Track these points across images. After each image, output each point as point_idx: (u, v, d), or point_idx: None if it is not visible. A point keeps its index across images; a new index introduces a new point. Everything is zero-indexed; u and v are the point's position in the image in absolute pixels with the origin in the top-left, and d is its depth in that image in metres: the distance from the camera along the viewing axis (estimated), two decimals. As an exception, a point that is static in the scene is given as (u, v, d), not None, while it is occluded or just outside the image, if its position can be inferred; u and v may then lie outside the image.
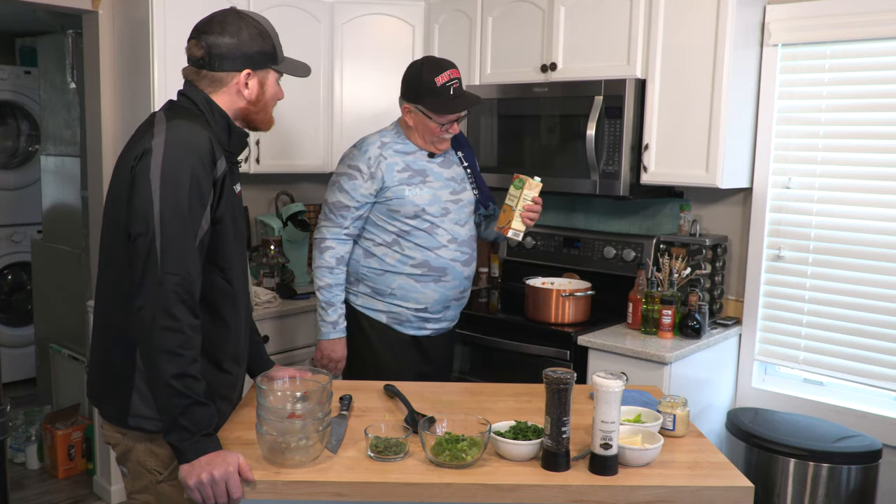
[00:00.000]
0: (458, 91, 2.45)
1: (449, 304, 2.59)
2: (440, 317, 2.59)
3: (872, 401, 2.86)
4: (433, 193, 2.50)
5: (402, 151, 2.51)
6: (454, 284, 2.55)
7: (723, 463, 1.62)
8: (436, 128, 2.46)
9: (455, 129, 2.50)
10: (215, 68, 1.69)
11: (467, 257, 2.58)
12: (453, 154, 2.64)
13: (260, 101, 1.75)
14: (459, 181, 2.60)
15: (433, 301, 2.54)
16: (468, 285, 2.63)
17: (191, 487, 1.48)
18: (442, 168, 2.56)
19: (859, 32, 2.75)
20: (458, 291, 2.59)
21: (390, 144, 2.51)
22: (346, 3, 3.65)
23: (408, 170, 2.49)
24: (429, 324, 2.59)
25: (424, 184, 2.50)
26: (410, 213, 2.47)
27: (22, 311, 5.01)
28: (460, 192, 2.59)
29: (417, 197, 2.47)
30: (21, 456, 3.82)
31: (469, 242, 2.60)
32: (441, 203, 2.51)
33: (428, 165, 2.53)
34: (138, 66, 3.14)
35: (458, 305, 2.66)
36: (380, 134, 2.56)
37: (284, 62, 1.78)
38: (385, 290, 2.53)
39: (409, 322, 2.57)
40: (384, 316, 2.57)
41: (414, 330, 2.58)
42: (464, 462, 1.53)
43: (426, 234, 2.49)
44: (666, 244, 3.08)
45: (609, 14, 3.01)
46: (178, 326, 1.50)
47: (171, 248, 1.51)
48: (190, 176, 1.54)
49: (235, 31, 1.68)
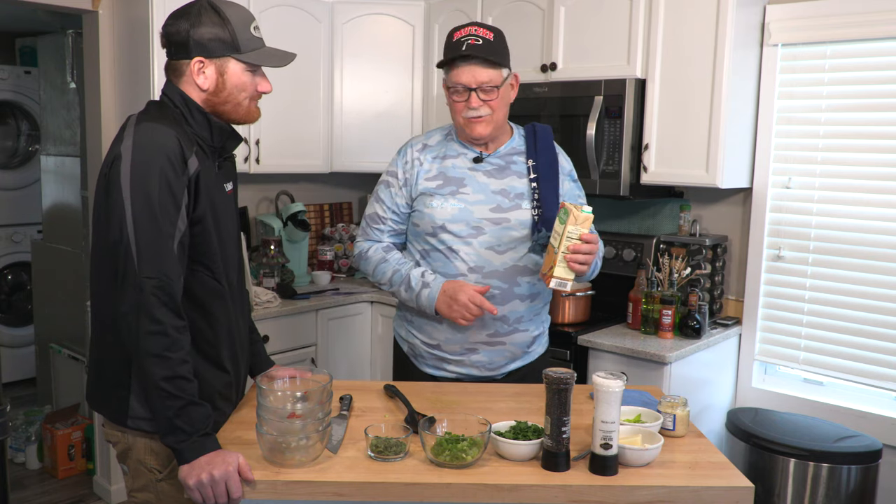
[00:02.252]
0: (476, 48, 1.96)
1: (474, 346, 2.09)
2: (462, 359, 2.11)
3: (872, 401, 2.86)
4: (463, 208, 2.05)
5: (442, 156, 2.11)
6: (476, 324, 2.04)
7: (723, 463, 1.62)
8: (449, 97, 2.03)
9: (474, 101, 1.99)
10: (171, 56, 1.65)
11: (498, 294, 2.04)
12: (521, 162, 2.11)
13: (222, 92, 1.65)
14: (514, 196, 2.06)
15: (446, 339, 2.10)
16: (506, 329, 2.08)
17: (191, 487, 1.48)
18: (490, 178, 2.08)
19: (859, 32, 2.75)
20: (485, 335, 2.07)
21: (433, 147, 2.14)
22: (346, 3, 3.65)
23: (440, 178, 2.09)
24: (448, 365, 2.13)
25: (456, 196, 2.06)
26: (429, 228, 2.07)
27: (22, 311, 5.01)
28: (510, 209, 2.05)
29: (439, 211, 2.05)
30: (21, 456, 3.82)
31: (507, 276, 2.05)
32: (472, 220, 2.04)
33: (469, 173, 2.08)
34: (138, 66, 3.14)
35: (495, 352, 2.10)
36: (431, 132, 2.20)
37: (254, 52, 1.65)
38: (408, 315, 2.19)
39: (423, 358, 2.17)
40: (406, 345, 2.23)
41: (431, 368, 2.16)
42: (464, 462, 1.53)
43: (443, 257, 2.07)
44: (666, 244, 3.08)
45: (609, 14, 3.01)
46: (162, 329, 1.50)
47: (146, 251, 1.50)
48: (159, 178, 1.52)
49: (194, 18, 1.61)
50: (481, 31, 1.99)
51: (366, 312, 3.60)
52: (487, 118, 2.02)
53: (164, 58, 1.70)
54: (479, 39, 1.97)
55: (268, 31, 1.96)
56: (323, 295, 3.50)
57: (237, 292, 1.80)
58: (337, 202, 4.27)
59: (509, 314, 2.07)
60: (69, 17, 3.77)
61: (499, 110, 2.04)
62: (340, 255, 4.01)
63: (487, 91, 1.99)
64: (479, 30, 1.99)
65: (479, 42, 1.97)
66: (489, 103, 2.01)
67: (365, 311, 3.60)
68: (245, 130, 3.35)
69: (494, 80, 2.00)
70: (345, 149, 3.76)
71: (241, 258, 1.85)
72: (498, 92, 2.01)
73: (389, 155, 2.28)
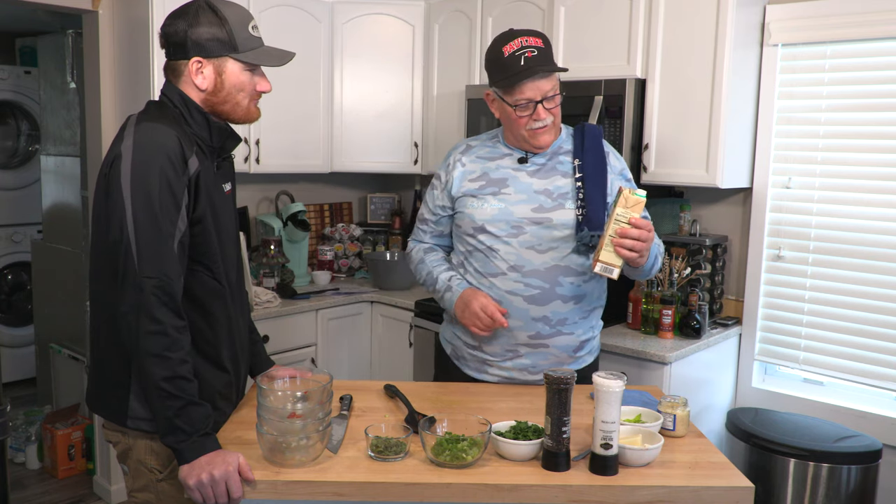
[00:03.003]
0: (534, 60, 1.91)
1: (515, 349, 2.06)
2: (505, 363, 2.08)
3: (872, 401, 2.86)
4: (504, 207, 2.03)
5: (486, 157, 2.10)
6: (515, 325, 2.03)
7: (723, 463, 1.62)
8: (514, 115, 1.97)
9: (542, 113, 1.96)
10: (170, 56, 1.66)
11: (538, 293, 2.01)
12: (567, 161, 2.07)
13: (220, 92, 1.65)
14: (557, 196, 2.03)
15: (487, 340, 2.08)
16: (548, 331, 2.04)
17: (191, 487, 1.48)
18: (534, 178, 2.05)
19: (859, 32, 2.75)
20: (527, 336, 2.04)
21: (477, 148, 2.12)
22: (346, 3, 3.66)
23: (482, 178, 2.07)
24: (490, 368, 2.11)
25: (497, 196, 2.04)
26: (469, 229, 2.07)
27: (22, 311, 5.01)
28: (552, 209, 2.02)
29: (479, 211, 2.04)
30: (21, 456, 3.82)
31: (548, 275, 2.01)
32: (512, 220, 2.02)
33: (512, 174, 2.05)
34: (138, 66, 3.14)
35: (538, 356, 2.06)
36: (480, 136, 2.19)
37: (252, 52, 1.65)
38: (452, 317, 2.16)
39: (465, 360, 2.16)
40: (449, 347, 2.22)
41: (473, 371, 2.15)
42: (464, 462, 1.53)
43: (483, 257, 2.06)
44: (666, 244, 3.08)
45: (609, 14, 3.01)
46: (162, 329, 1.50)
47: (146, 251, 1.50)
48: (159, 177, 1.52)
49: (192, 18, 1.61)
50: (531, 39, 1.94)
51: (366, 312, 3.60)
52: (551, 125, 2.00)
53: (163, 58, 1.69)
54: (534, 50, 1.92)
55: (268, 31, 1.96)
56: (323, 295, 3.51)
57: (237, 292, 1.80)
58: (337, 202, 4.27)
59: (551, 315, 2.03)
60: (69, 17, 3.77)
61: (559, 115, 2.03)
62: (340, 255, 4.01)
63: (551, 99, 1.96)
64: (530, 39, 1.94)
65: (535, 53, 1.92)
66: (552, 111, 1.98)
67: (365, 311, 3.60)
68: (245, 130, 3.35)
69: (556, 87, 1.97)
70: (345, 149, 3.76)
71: (240, 258, 1.85)
72: (558, 98, 1.99)
73: (390, 155, 2.28)
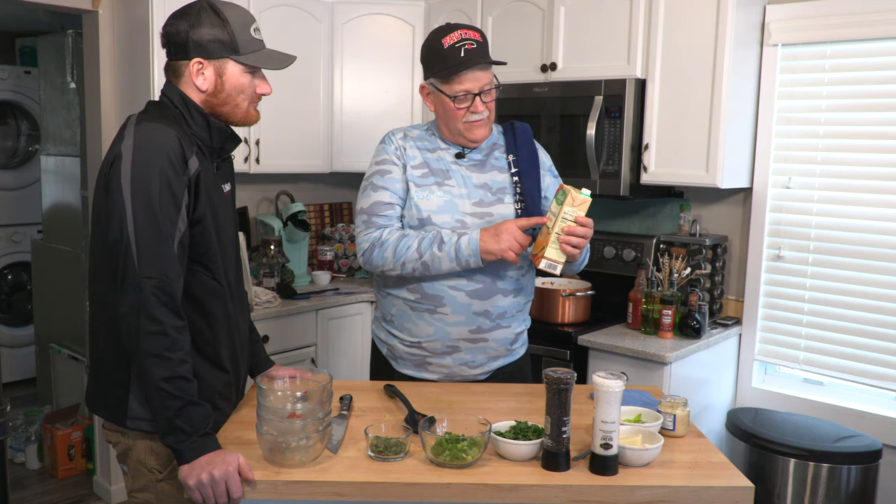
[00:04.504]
0: (474, 52, 1.92)
1: (456, 344, 2.03)
2: (446, 360, 2.05)
3: (872, 401, 2.86)
4: (449, 200, 2.01)
5: (425, 148, 2.07)
6: (456, 320, 2.00)
7: (723, 463, 1.62)
8: (451, 106, 1.96)
9: (479, 106, 1.96)
10: (171, 57, 1.66)
11: (480, 288, 1.99)
12: (502, 157, 2.08)
13: (220, 93, 1.65)
14: (496, 191, 2.03)
15: (427, 336, 2.03)
16: (489, 325, 2.02)
17: (191, 488, 1.48)
18: (472, 172, 2.04)
19: (859, 32, 2.75)
20: (467, 331, 2.01)
21: (414, 138, 2.09)
22: (346, 3, 3.66)
23: (424, 167, 2.04)
24: (429, 365, 2.07)
25: (441, 187, 2.02)
26: (414, 220, 2.01)
27: (22, 311, 5.01)
28: (492, 203, 2.02)
29: (425, 202, 2.00)
30: (21, 456, 3.82)
31: (490, 269, 1.98)
32: (457, 214, 2.00)
33: (453, 167, 2.04)
34: (138, 66, 3.14)
35: (478, 350, 2.04)
36: (408, 127, 2.15)
37: (253, 54, 1.65)
38: (387, 315, 2.12)
39: (402, 359, 2.10)
40: (385, 347, 2.16)
41: (410, 370, 2.10)
42: (464, 462, 1.53)
43: None
44: (666, 244, 3.08)
45: (609, 14, 3.01)
46: (162, 329, 1.50)
47: (146, 251, 1.50)
48: (159, 177, 1.52)
49: (194, 18, 1.61)
50: (470, 32, 1.96)
51: (366, 312, 3.60)
52: (486, 119, 2.02)
53: (164, 58, 1.69)
54: (473, 43, 1.94)
55: (268, 31, 1.96)
56: (323, 295, 3.50)
57: (236, 292, 1.80)
58: (337, 202, 4.27)
59: (492, 309, 2.02)
60: (69, 17, 3.77)
61: (493, 111, 2.05)
62: (340, 255, 4.00)
63: (488, 93, 1.99)
64: (469, 32, 1.96)
65: (474, 46, 1.94)
66: (488, 105, 2.00)
67: (365, 311, 3.59)
68: (245, 130, 3.35)
69: (493, 82, 2.00)
70: (345, 149, 3.76)
71: (239, 258, 1.85)
72: (494, 93, 2.01)
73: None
